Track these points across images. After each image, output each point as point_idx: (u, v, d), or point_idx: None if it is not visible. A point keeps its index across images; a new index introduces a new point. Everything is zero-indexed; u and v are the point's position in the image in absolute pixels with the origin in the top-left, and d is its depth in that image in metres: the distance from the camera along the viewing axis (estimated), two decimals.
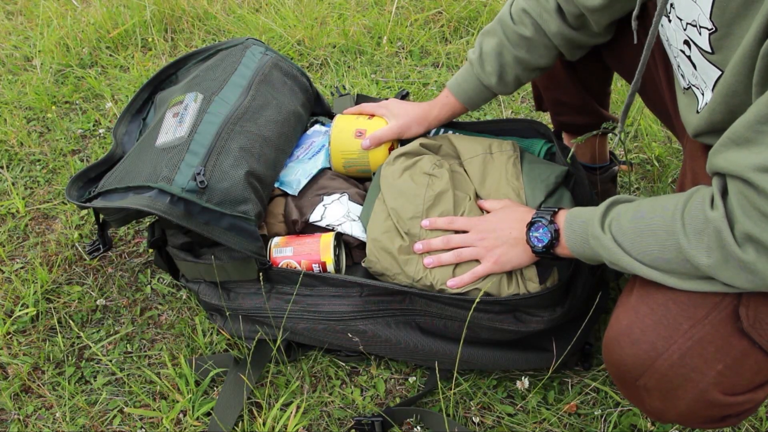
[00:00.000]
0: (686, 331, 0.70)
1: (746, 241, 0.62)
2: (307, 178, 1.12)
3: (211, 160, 0.96)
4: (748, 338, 0.69)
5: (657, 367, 0.71)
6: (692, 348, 0.69)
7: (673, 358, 0.70)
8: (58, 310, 1.23)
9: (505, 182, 1.03)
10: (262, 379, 1.11)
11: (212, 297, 1.06)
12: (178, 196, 0.92)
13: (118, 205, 0.95)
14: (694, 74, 0.77)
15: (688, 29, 0.73)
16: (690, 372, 0.70)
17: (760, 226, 0.60)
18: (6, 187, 1.48)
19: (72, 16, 2.00)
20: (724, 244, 0.63)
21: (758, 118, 0.58)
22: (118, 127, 1.18)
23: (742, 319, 0.69)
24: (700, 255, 0.66)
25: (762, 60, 0.59)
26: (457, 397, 1.07)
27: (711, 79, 0.73)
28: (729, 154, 0.63)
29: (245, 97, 1.07)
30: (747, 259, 0.62)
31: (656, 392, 0.73)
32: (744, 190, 0.61)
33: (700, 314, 0.70)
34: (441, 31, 1.85)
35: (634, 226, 0.73)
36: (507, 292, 0.93)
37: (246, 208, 0.98)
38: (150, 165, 0.97)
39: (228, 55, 1.16)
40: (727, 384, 0.70)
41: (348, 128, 1.14)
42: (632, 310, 0.74)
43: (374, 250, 0.99)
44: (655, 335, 0.71)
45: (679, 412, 0.73)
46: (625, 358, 0.73)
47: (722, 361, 0.69)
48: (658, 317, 0.72)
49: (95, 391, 1.12)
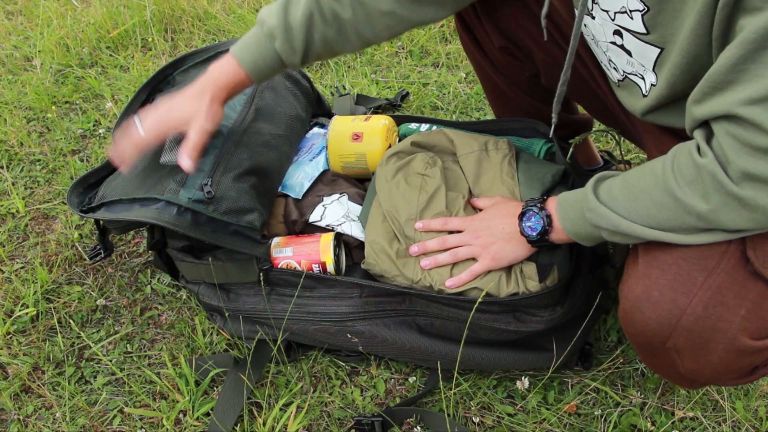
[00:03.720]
0: (703, 283, 0.70)
1: (743, 179, 0.63)
2: (309, 181, 1.13)
3: (217, 172, 0.97)
4: (762, 279, 0.69)
5: (683, 323, 0.71)
6: (713, 297, 0.70)
7: (697, 311, 0.70)
8: (58, 310, 1.23)
9: (499, 181, 1.02)
10: (262, 379, 1.11)
11: (212, 298, 1.06)
12: (185, 206, 0.93)
13: (124, 217, 0.96)
14: (629, 62, 0.78)
15: (617, 18, 0.74)
16: (716, 322, 0.70)
17: (754, 161, 0.61)
18: (6, 187, 1.48)
19: (72, 16, 2.00)
20: (721, 185, 0.64)
21: (734, 60, 0.59)
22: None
23: (752, 261, 0.69)
24: (698, 203, 0.66)
25: (721, 12, 0.60)
26: (457, 397, 1.07)
27: (649, 60, 0.74)
28: (712, 101, 0.63)
29: (249, 107, 1.07)
30: (746, 195, 0.63)
31: (687, 351, 0.73)
32: (731, 129, 0.62)
33: (711, 264, 0.70)
34: (441, 31, 1.85)
35: (626, 192, 0.73)
36: (506, 290, 0.93)
37: (251, 218, 0.98)
38: (155, 179, 0.97)
39: None
40: (754, 328, 0.70)
41: (345, 132, 1.15)
42: (644, 276, 0.74)
43: (372, 253, 0.99)
44: (674, 293, 0.71)
45: (712, 367, 0.73)
46: (649, 322, 0.73)
47: (743, 305, 0.69)
48: (672, 276, 0.72)
49: (95, 391, 1.12)
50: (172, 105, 0.94)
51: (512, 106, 1.18)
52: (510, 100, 1.17)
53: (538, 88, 1.12)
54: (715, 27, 0.62)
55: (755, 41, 0.57)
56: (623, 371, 1.08)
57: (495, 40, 1.05)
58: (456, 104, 1.63)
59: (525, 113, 1.17)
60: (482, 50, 1.11)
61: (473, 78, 1.70)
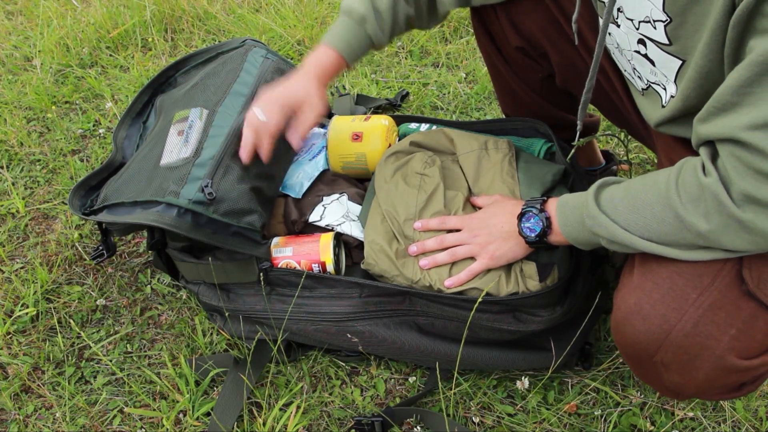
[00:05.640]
0: (695, 300, 0.70)
1: (744, 202, 0.63)
2: (309, 181, 1.13)
3: (218, 174, 0.97)
4: (756, 300, 0.69)
5: (672, 339, 0.71)
6: (704, 315, 0.70)
7: (686, 327, 0.70)
8: (58, 310, 1.23)
9: (499, 180, 1.02)
10: (262, 379, 1.11)
11: (212, 298, 1.06)
12: (185, 208, 0.93)
13: (126, 220, 0.96)
14: (653, 71, 0.78)
15: (642, 27, 0.74)
16: (705, 340, 0.70)
17: (756, 185, 0.61)
18: (6, 187, 1.48)
19: (72, 16, 2.00)
20: (723, 207, 0.64)
21: (741, 82, 0.59)
22: (119, 131, 1.18)
23: (746, 282, 0.69)
24: (699, 222, 0.66)
25: (732, 30, 0.60)
26: (457, 397, 1.07)
27: (672, 70, 0.74)
28: (717, 121, 0.63)
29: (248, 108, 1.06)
30: (747, 218, 0.63)
31: (674, 365, 0.73)
32: (735, 151, 0.62)
33: (705, 282, 0.70)
34: (441, 31, 1.85)
35: (628, 203, 0.73)
36: (506, 290, 0.93)
37: (252, 219, 0.98)
38: (156, 182, 0.97)
39: (229, 60, 1.16)
40: (742, 347, 0.70)
41: (345, 132, 1.14)
42: (637, 288, 0.74)
43: (372, 253, 0.99)
44: (665, 308, 0.71)
45: (698, 383, 0.73)
46: (639, 335, 0.73)
47: (734, 325, 0.69)
48: (665, 290, 0.72)
49: (95, 391, 1.12)
50: (285, 87, 0.99)
51: (520, 104, 1.18)
52: (519, 98, 1.17)
53: (549, 88, 1.12)
54: (727, 45, 0.62)
55: (762, 64, 0.57)
56: (623, 371, 1.08)
57: (512, 39, 1.05)
58: (456, 104, 1.63)
59: (532, 113, 1.17)
60: (497, 48, 1.11)
61: (473, 78, 1.70)
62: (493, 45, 1.11)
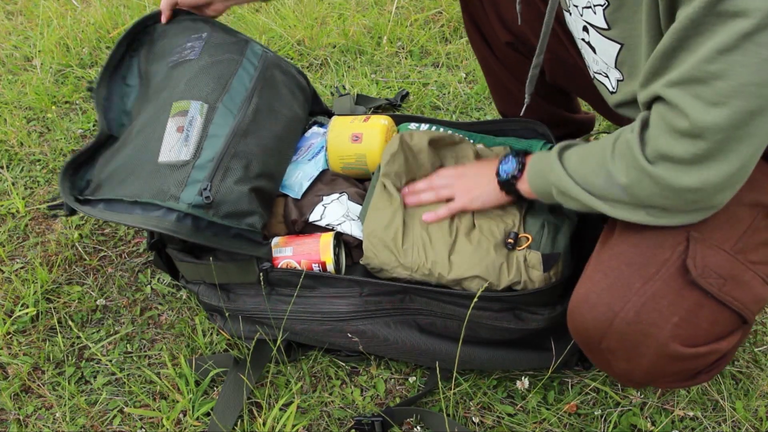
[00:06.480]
0: (639, 289, 0.73)
1: (657, 158, 0.66)
2: (308, 181, 1.12)
3: (217, 176, 0.96)
4: (700, 289, 0.71)
5: (615, 326, 0.73)
6: (646, 304, 0.72)
7: (629, 315, 0.72)
8: (58, 310, 1.23)
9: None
10: (262, 379, 1.11)
11: (212, 298, 1.06)
12: (184, 212, 0.93)
13: (125, 221, 0.95)
14: (594, 60, 0.81)
15: (585, 13, 0.76)
16: (647, 327, 0.72)
17: (669, 141, 0.64)
18: (6, 187, 1.48)
19: (72, 16, 2.00)
20: (636, 161, 0.67)
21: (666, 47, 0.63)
22: (99, 90, 1.14)
23: (690, 271, 0.71)
24: (620, 176, 0.70)
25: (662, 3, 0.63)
26: (457, 397, 1.07)
27: (611, 56, 0.77)
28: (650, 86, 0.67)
29: (248, 107, 1.06)
30: (657, 173, 0.66)
31: (619, 352, 0.75)
32: (660, 108, 0.65)
33: (650, 272, 0.73)
34: (441, 31, 1.85)
35: (579, 155, 0.78)
36: (507, 279, 0.93)
37: (252, 220, 0.98)
38: (157, 182, 0.96)
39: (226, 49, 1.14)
40: (685, 335, 0.72)
41: (344, 132, 1.14)
42: (588, 278, 0.78)
43: (371, 246, 0.99)
44: (610, 297, 0.74)
45: (644, 370, 0.75)
46: (586, 323, 0.76)
47: (677, 313, 0.71)
48: (612, 280, 0.75)
49: (95, 391, 1.12)
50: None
51: (514, 101, 1.19)
52: (512, 95, 1.19)
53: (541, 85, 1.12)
54: (662, 20, 0.65)
55: (683, 29, 0.60)
56: None
57: (501, 35, 1.07)
58: (456, 104, 1.63)
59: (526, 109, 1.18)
60: (488, 45, 1.14)
61: (473, 78, 1.70)
62: (484, 42, 1.14)
